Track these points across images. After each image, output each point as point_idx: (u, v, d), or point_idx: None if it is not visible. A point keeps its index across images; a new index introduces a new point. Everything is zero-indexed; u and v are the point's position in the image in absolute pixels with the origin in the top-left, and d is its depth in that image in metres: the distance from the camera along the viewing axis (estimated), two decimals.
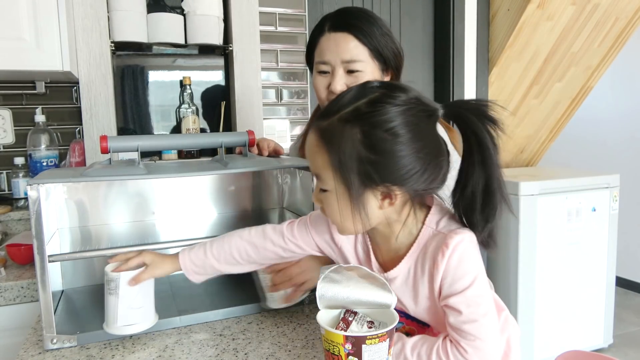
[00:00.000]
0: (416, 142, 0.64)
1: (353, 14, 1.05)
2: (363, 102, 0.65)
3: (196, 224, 1.15)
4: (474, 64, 2.45)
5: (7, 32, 1.39)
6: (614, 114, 3.46)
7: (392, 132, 0.63)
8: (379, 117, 0.63)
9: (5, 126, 1.71)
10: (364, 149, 0.63)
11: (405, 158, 0.63)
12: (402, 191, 0.66)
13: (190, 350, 0.80)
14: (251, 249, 0.85)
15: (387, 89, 0.66)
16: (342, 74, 1.04)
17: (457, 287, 0.66)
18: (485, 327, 0.66)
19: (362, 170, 0.64)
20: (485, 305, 0.67)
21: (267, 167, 1.01)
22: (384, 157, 0.63)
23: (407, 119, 0.63)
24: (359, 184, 0.64)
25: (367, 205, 0.66)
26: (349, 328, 0.67)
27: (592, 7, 2.31)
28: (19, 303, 1.17)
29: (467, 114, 0.66)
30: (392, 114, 0.63)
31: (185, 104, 1.75)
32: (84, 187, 1.06)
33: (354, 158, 0.63)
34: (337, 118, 0.65)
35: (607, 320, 2.52)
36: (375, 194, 0.66)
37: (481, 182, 0.66)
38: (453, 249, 0.66)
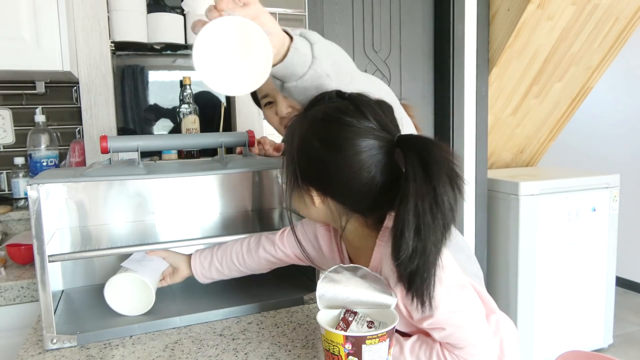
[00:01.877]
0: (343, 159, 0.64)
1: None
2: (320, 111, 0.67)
3: (196, 224, 1.15)
4: (474, 64, 2.45)
5: (7, 32, 1.39)
6: (614, 114, 3.46)
7: (323, 142, 0.65)
8: (320, 127, 0.66)
9: (5, 126, 1.71)
10: (298, 151, 0.68)
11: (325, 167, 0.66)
12: (323, 196, 0.69)
13: (190, 350, 0.80)
14: (247, 255, 0.92)
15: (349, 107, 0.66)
16: (283, 99, 1.06)
17: (426, 311, 0.64)
18: (473, 333, 0.66)
19: (291, 168, 0.69)
20: (466, 312, 0.66)
21: (267, 167, 1.01)
22: (309, 161, 0.67)
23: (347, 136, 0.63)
24: (289, 179, 0.70)
25: (299, 199, 0.71)
26: (349, 328, 0.67)
27: (592, 7, 2.31)
28: (19, 303, 1.17)
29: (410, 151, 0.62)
30: (333, 128, 0.65)
31: (185, 104, 1.75)
32: (84, 187, 1.06)
33: (289, 153, 0.70)
34: (303, 114, 0.71)
35: (607, 320, 2.51)
36: (302, 193, 0.70)
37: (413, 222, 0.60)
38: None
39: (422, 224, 0.59)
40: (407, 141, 0.64)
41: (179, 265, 0.97)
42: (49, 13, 1.41)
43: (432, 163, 0.59)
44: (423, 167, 0.60)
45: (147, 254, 0.97)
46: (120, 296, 0.91)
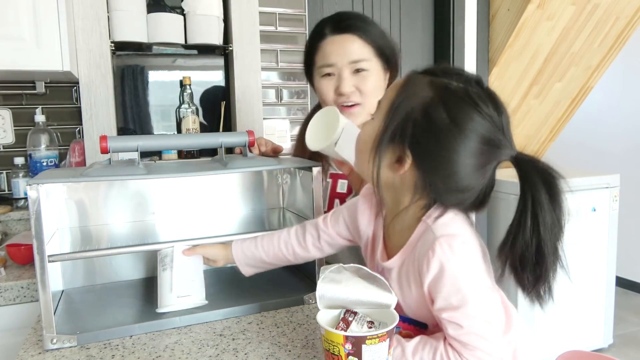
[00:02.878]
0: (462, 146, 0.63)
1: (352, 16, 1.08)
2: (459, 86, 0.65)
3: (196, 224, 1.15)
4: (474, 64, 2.45)
5: (7, 32, 1.39)
6: (614, 114, 3.46)
7: (452, 119, 0.63)
8: (456, 102, 0.64)
9: (5, 126, 1.71)
10: (421, 110, 0.65)
11: (441, 144, 0.64)
12: (414, 166, 0.66)
13: (190, 350, 0.80)
14: (296, 244, 0.91)
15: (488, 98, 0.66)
16: (350, 75, 1.05)
17: (453, 302, 0.64)
18: (487, 339, 0.64)
19: (404, 122, 0.65)
20: (486, 315, 0.65)
21: (267, 167, 1.01)
22: (428, 127, 0.64)
23: (474, 125, 0.64)
24: (392, 131, 0.66)
25: (384, 154, 0.68)
26: (349, 328, 0.67)
27: (592, 7, 2.31)
28: (19, 303, 1.17)
29: (533, 172, 0.65)
30: (468, 110, 0.64)
31: (185, 104, 1.75)
32: (84, 187, 1.06)
33: (407, 109, 0.66)
34: (430, 77, 0.67)
35: (607, 320, 2.51)
36: (394, 151, 0.67)
37: (533, 242, 0.64)
38: (441, 260, 0.64)
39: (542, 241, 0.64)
40: (529, 163, 0.65)
41: (217, 257, 0.94)
42: (49, 13, 1.41)
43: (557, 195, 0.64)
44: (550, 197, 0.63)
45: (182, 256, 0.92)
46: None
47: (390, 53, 1.08)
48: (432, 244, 0.65)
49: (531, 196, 0.64)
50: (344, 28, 1.05)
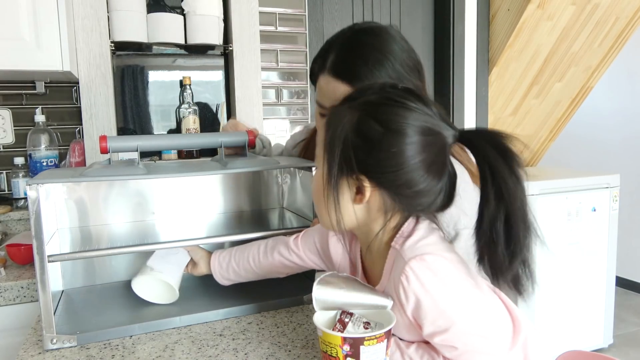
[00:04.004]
0: (407, 146, 0.61)
1: (360, 52, 0.85)
2: (376, 96, 0.64)
3: (196, 224, 1.15)
4: (474, 64, 2.45)
5: (7, 32, 1.39)
6: (614, 114, 3.46)
7: (385, 125, 0.61)
8: (380, 109, 0.62)
9: (5, 126, 1.71)
10: (352, 133, 0.62)
11: (388, 154, 0.61)
12: (376, 189, 0.64)
13: (190, 350, 0.80)
14: (263, 257, 0.91)
15: (407, 93, 0.64)
16: None
17: (441, 325, 0.61)
18: (486, 353, 0.62)
19: (344, 153, 0.63)
20: (479, 329, 0.62)
21: (267, 167, 1.01)
22: (367, 144, 0.62)
23: (407, 121, 0.61)
24: (337, 167, 0.63)
25: (340, 193, 0.65)
26: (345, 329, 0.67)
27: (592, 7, 2.31)
28: (19, 303, 1.17)
29: (481, 143, 0.62)
30: (395, 111, 0.62)
31: (185, 104, 1.75)
32: (84, 187, 1.06)
33: (341, 139, 0.63)
34: (349, 104, 0.65)
35: (607, 320, 2.51)
36: (350, 184, 0.64)
37: (500, 215, 0.60)
38: (414, 288, 0.61)
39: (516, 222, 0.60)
40: (476, 135, 0.63)
41: (199, 262, 0.98)
42: (49, 13, 1.41)
43: (513, 157, 0.60)
44: (505, 161, 0.60)
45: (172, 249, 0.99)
46: (146, 291, 0.98)
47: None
48: (403, 270, 0.61)
49: (488, 166, 0.61)
50: (342, 73, 0.86)
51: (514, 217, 0.60)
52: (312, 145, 1.14)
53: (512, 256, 0.61)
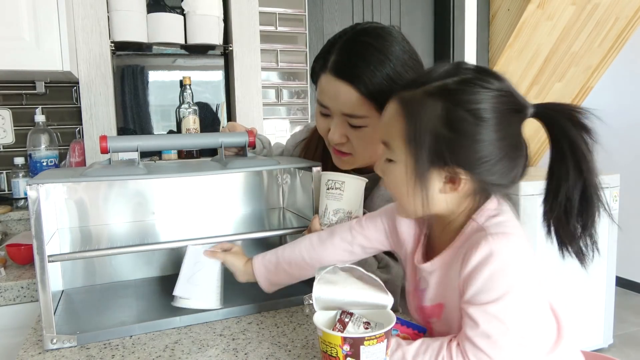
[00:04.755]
0: (498, 131, 0.61)
1: (362, 52, 0.86)
2: (453, 80, 0.63)
3: (196, 224, 1.15)
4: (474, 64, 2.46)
5: (7, 32, 1.39)
6: (614, 114, 3.46)
7: (476, 114, 0.60)
8: (465, 97, 0.61)
9: (5, 126, 1.71)
10: (442, 126, 0.61)
11: (483, 143, 0.61)
12: (469, 178, 0.63)
13: (190, 350, 0.80)
14: (319, 248, 0.85)
15: (482, 73, 0.64)
16: (342, 125, 0.92)
17: (480, 298, 0.61)
18: (500, 348, 0.61)
19: (435, 146, 0.61)
20: (511, 323, 0.61)
21: (267, 167, 1.01)
22: (461, 137, 0.61)
23: (494, 105, 0.61)
24: (427, 160, 0.62)
25: (429, 185, 0.64)
26: (345, 329, 0.67)
27: (592, 7, 2.31)
28: (19, 303, 1.17)
29: (560, 117, 0.63)
30: (480, 97, 0.61)
31: (185, 104, 1.75)
32: (84, 187, 1.06)
33: (429, 132, 0.61)
34: (422, 90, 0.64)
35: (607, 320, 2.51)
36: (440, 175, 0.64)
37: (577, 187, 0.63)
38: (488, 254, 0.61)
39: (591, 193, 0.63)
40: (551, 108, 0.64)
41: (235, 272, 0.91)
42: (49, 13, 1.41)
43: (590, 132, 0.62)
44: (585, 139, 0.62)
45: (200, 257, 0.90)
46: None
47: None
48: (482, 237, 0.62)
49: (567, 141, 0.62)
50: (344, 72, 0.86)
51: (590, 190, 0.62)
52: (313, 144, 1.14)
53: (584, 228, 0.64)
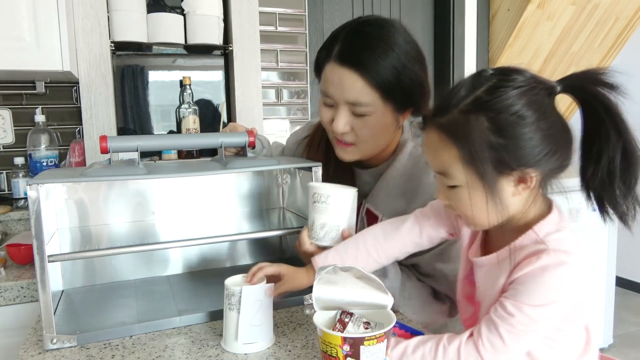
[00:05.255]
0: (543, 121, 0.63)
1: (367, 41, 0.87)
2: (482, 91, 0.64)
3: (196, 224, 1.15)
4: (474, 64, 2.45)
5: (7, 32, 1.39)
6: None
7: (518, 115, 0.62)
8: (501, 103, 0.62)
9: (5, 126, 1.71)
10: (494, 136, 0.62)
11: (535, 139, 0.62)
12: (537, 172, 0.65)
13: (190, 350, 0.80)
14: (388, 242, 0.85)
15: (503, 74, 0.65)
16: (346, 114, 0.91)
17: (523, 298, 0.63)
18: (517, 343, 0.64)
19: (495, 157, 0.62)
20: (537, 328, 0.63)
21: (267, 167, 1.01)
22: (515, 140, 0.62)
23: (529, 99, 0.63)
24: (492, 172, 0.63)
25: (502, 194, 0.65)
26: (345, 329, 0.67)
27: (592, 7, 2.31)
28: (19, 303, 1.17)
29: (588, 84, 0.65)
30: (514, 97, 0.62)
31: (185, 104, 1.76)
32: (84, 187, 1.06)
33: (484, 146, 0.62)
34: (458, 111, 0.64)
35: (607, 320, 2.51)
36: (509, 180, 0.65)
37: (618, 147, 0.64)
38: (546, 266, 0.62)
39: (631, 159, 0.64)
40: (574, 80, 0.67)
41: (302, 286, 0.87)
42: (49, 13, 1.41)
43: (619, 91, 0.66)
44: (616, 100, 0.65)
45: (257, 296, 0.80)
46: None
47: (408, 93, 0.90)
48: (545, 252, 0.63)
49: (600, 102, 0.64)
50: (349, 60, 0.87)
51: (630, 148, 0.64)
52: (316, 140, 1.12)
53: (627, 187, 0.65)
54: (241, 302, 0.78)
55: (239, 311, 0.78)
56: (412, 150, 1.00)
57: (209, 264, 1.17)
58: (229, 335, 0.80)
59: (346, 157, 0.98)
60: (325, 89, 0.93)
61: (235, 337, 0.78)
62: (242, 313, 0.78)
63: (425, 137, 0.69)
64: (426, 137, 0.69)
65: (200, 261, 1.16)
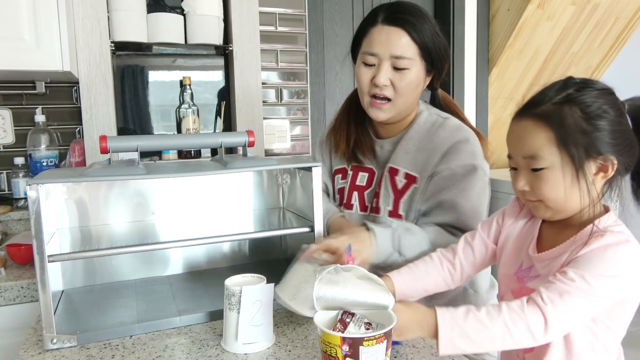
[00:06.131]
0: (622, 118, 0.73)
1: (408, 9, 1.04)
2: (572, 89, 0.74)
3: (196, 224, 1.15)
4: (474, 64, 2.45)
5: (7, 32, 1.39)
6: None
7: (604, 109, 0.72)
8: (590, 98, 0.72)
9: (5, 126, 1.71)
10: (585, 123, 0.71)
11: (618, 131, 0.72)
12: (618, 162, 0.72)
13: (190, 350, 0.80)
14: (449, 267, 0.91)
15: (587, 81, 0.76)
16: (388, 69, 1.03)
17: (585, 266, 0.68)
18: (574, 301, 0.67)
19: (585, 141, 0.71)
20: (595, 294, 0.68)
21: (267, 167, 1.01)
22: (603, 128, 0.71)
23: (611, 99, 0.73)
24: (582, 154, 0.71)
25: (588, 177, 0.73)
26: (347, 329, 0.67)
27: (592, 7, 2.31)
28: (19, 303, 1.17)
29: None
30: (599, 96, 0.73)
31: (185, 104, 1.76)
32: (84, 187, 1.06)
33: (578, 131, 0.71)
34: (551, 104, 0.74)
35: None
36: (593, 166, 0.73)
37: None
38: (608, 242, 0.69)
39: None
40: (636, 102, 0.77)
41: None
42: (49, 13, 1.41)
43: None
44: None
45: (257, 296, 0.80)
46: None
47: (438, 56, 1.06)
48: (609, 232, 0.71)
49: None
50: (395, 20, 1.02)
51: None
52: (337, 123, 1.22)
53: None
54: (241, 302, 0.78)
55: (238, 311, 0.78)
56: (427, 117, 1.12)
57: (209, 264, 1.17)
58: (229, 335, 0.80)
59: (381, 116, 1.07)
60: (370, 48, 1.04)
61: (235, 337, 0.78)
62: (242, 313, 0.78)
63: (515, 126, 0.78)
64: (516, 126, 0.77)
65: (200, 261, 1.17)
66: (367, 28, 1.06)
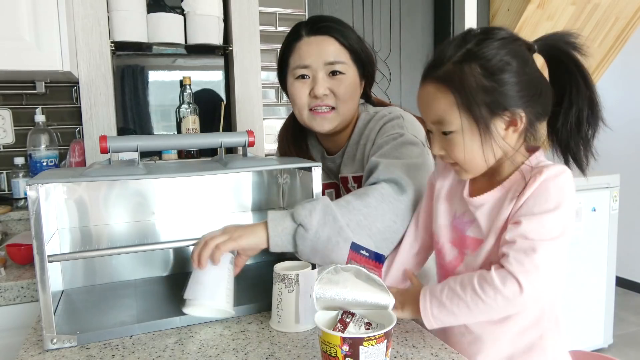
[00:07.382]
0: (527, 68, 0.70)
1: (329, 18, 1.06)
2: (471, 44, 0.71)
3: (196, 224, 1.15)
4: None
5: (7, 32, 1.39)
6: (613, 114, 3.45)
7: (506, 61, 0.69)
8: (490, 51, 0.69)
9: (5, 126, 1.71)
10: (486, 80, 0.69)
11: (523, 82, 0.69)
12: (526, 114, 0.71)
13: (190, 350, 0.80)
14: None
15: (487, 30, 0.73)
16: (325, 77, 1.03)
17: (535, 210, 0.69)
18: (537, 253, 0.67)
19: (489, 99, 0.69)
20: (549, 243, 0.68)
21: (267, 167, 1.01)
22: (505, 82, 0.69)
23: (513, 49, 0.70)
24: (487, 113, 0.70)
25: (495, 135, 0.71)
26: (347, 329, 0.67)
27: (592, 7, 2.32)
28: (19, 303, 1.17)
29: (561, 44, 0.73)
30: (500, 47, 0.70)
31: (185, 104, 1.76)
32: (84, 187, 1.06)
33: (479, 90, 0.69)
34: (451, 63, 0.71)
35: (607, 320, 2.51)
36: (501, 122, 0.71)
37: (586, 98, 0.72)
38: (548, 177, 0.70)
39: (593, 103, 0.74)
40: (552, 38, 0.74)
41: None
42: (49, 13, 1.41)
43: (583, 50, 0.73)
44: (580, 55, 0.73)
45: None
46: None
47: (367, 60, 1.07)
48: (540, 170, 0.71)
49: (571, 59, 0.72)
50: (320, 29, 1.03)
51: (595, 101, 0.73)
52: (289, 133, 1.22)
53: (594, 132, 0.74)
54: (300, 283, 0.85)
55: (298, 292, 0.85)
56: (364, 117, 1.11)
57: None
58: (287, 316, 0.86)
59: (326, 126, 1.07)
60: (301, 61, 1.04)
61: (295, 318, 0.85)
62: (301, 295, 0.85)
63: (421, 92, 0.76)
64: (422, 92, 0.75)
65: None
66: (292, 44, 1.06)
